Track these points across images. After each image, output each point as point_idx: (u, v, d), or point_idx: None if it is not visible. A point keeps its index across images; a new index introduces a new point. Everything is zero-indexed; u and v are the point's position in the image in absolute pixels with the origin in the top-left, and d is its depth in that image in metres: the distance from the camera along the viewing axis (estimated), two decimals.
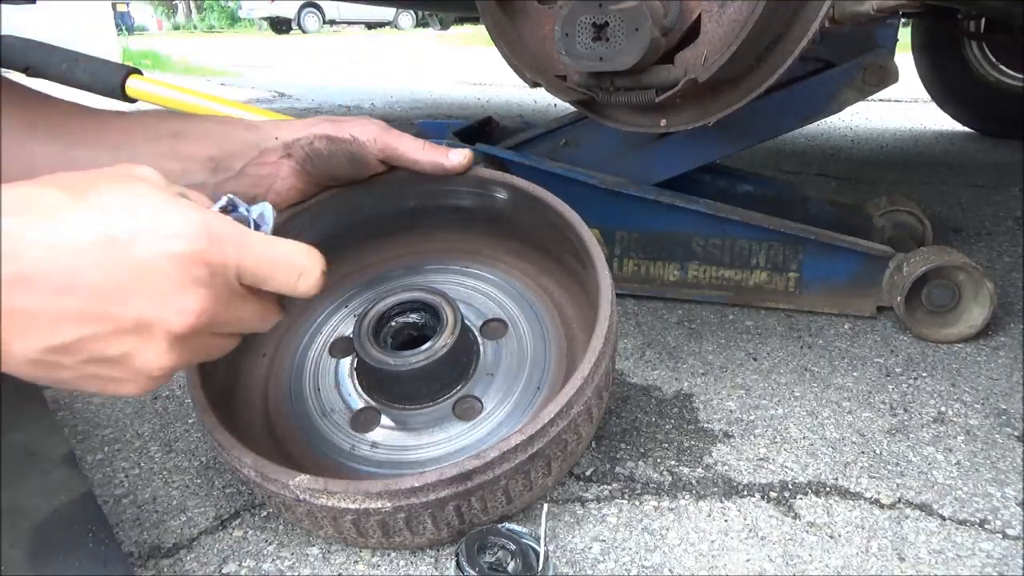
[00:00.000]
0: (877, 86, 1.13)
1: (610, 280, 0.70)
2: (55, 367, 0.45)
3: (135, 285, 0.45)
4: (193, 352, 0.50)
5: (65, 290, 0.44)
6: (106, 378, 0.48)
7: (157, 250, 0.45)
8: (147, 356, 0.47)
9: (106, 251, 0.44)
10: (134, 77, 1.80)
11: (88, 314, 0.44)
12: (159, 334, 0.46)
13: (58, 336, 0.44)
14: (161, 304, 0.46)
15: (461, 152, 0.78)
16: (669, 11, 0.84)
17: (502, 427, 0.74)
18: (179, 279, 0.46)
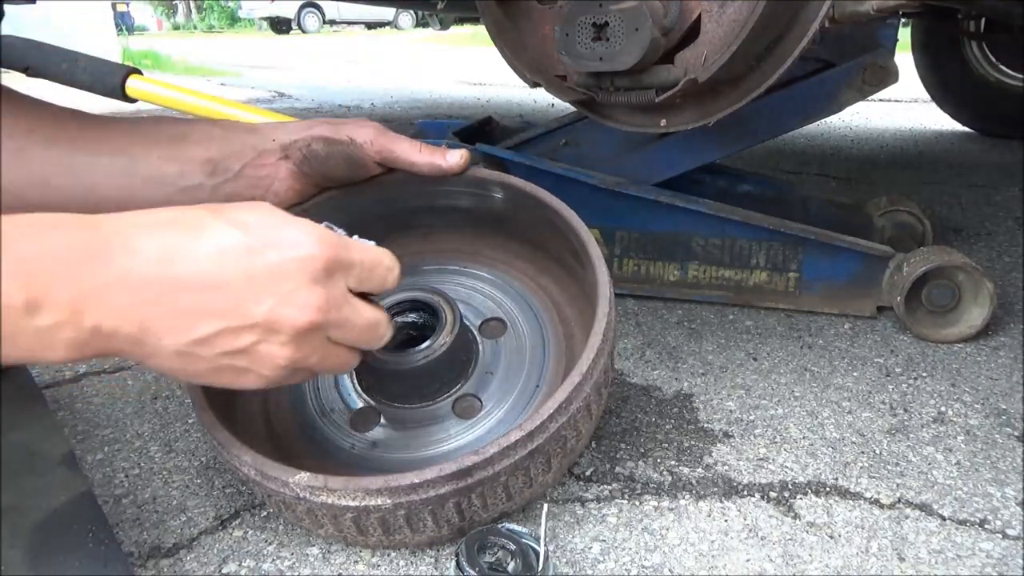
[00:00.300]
0: (877, 86, 1.13)
1: (608, 278, 0.70)
2: (194, 359, 0.52)
3: (267, 286, 0.52)
4: (311, 350, 0.55)
5: (209, 289, 0.50)
6: (235, 369, 0.53)
7: (284, 256, 0.53)
8: (271, 348, 0.53)
9: (243, 258, 0.52)
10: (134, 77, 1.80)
11: (226, 310, 0.51)
12: (283, 328, 0.53)
13: (201, 329, 0.51)
14: (287, 301, 0.52)
15: (458, 153, 0.78)
16: (669, 11, 0.84)
17: (501, 425, 0.74)
18: (301, 280, 0.53)
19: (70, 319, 0.47)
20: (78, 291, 0.47)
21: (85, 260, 0.48)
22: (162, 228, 0.51)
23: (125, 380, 1.00)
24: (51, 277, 0.46)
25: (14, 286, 0.44)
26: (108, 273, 0.48)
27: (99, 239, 0.49)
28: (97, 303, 0.48)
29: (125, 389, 0.97)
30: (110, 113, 0.87)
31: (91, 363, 1.04)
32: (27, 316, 0.45)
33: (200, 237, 0.52)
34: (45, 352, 0.47)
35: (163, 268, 0.50)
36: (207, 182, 0.77)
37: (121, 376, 1.01)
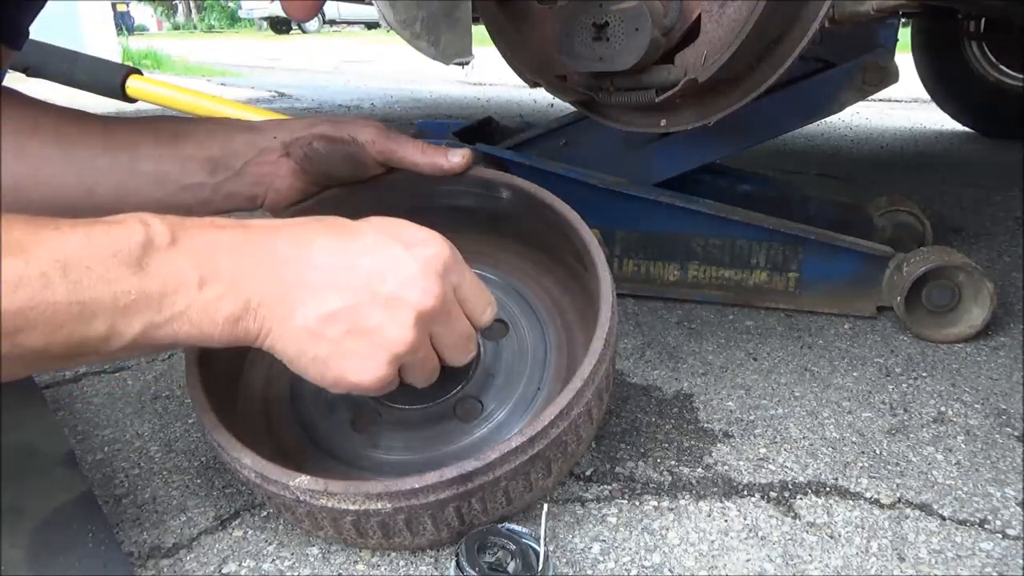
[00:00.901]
0: (877, 86, 1.13)
1: (611, 281, 0.70)
2: (320, 339, 0.56)
3: (394, 272, 0.57)
4: (422, 343, 0.59)
5: (342, 270, 0.57)
6: (354, 356, 0.57)
7: (410, 248, 0.59)
8: (394, 329, 0.57)
9: (372, 247, 0.58)
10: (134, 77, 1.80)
11: (356, 288, 0.56)
12: (406, 309, 0.57)
13: (332, 303, 0.56)
14: (411, 284, 0.57)
15: (460, 152, 0.78)
16: (669, 11, 0.84)
17: (502, 428, 0.74)
18: (425, 271, 0.58)
19: (230, 290, 0.54)
20: (237, 266, 0.54)
21: (242, 244, 0.56)
22: (303, 223, 0.60)
23: (125, 380, 1.00)
24: (218, 258, 0.54)
25: (190, 266, 0.52)
26: (260, 253, 0.56)
27: (252, 231, 0.57)
28: (251, 276, 0.55)
29: (125, 389, 0.97)
30: (111, 113, 0.87)
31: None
32: (199, 290, 0.52)
33: (334, 228, 0.59)
34: (209, 327, 0.53)
35: (302, 251, 0.57)
36: (208, 180, 0.77)
37: (121, 376, 1.01)
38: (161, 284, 0.51)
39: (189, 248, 0.53)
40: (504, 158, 1.18)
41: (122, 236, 0.51)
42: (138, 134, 0.77)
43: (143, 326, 0.51)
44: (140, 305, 0.51)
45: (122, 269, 0.50)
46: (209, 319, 0.53)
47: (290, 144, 0.78)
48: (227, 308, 0.54)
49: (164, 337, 0.52)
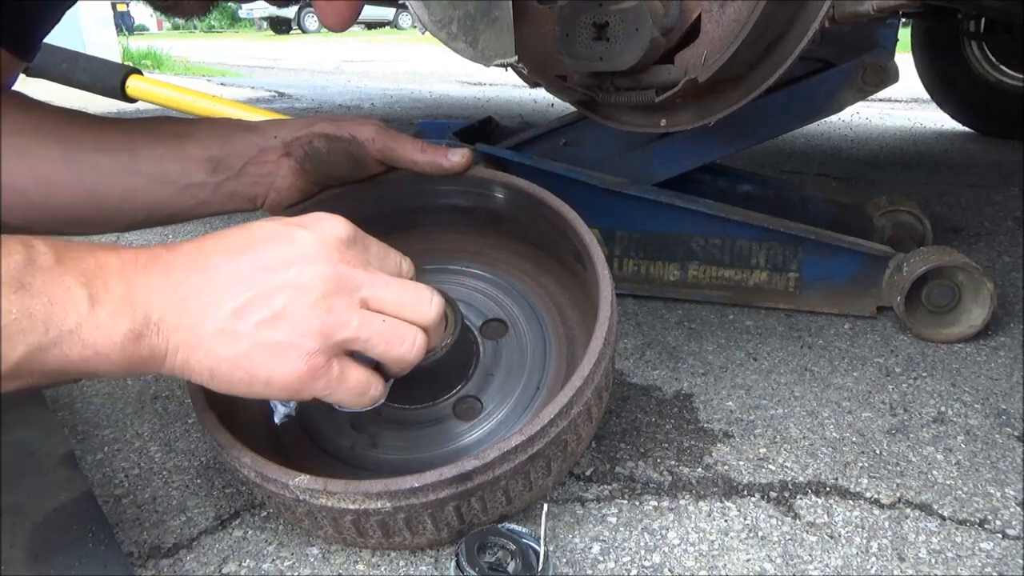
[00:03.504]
0: (877, 86, 1.13)
1: (610, 280, 0.70)
2: (235, 337, 0.53)
3: (294, 252, 0.55)
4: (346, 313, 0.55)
5: (243, 264, 0.54)
6: (276, 347, 0.53)
7: (308, 229, 0.56)
8: (303, 306, 0.53)
9: (271, 235, 0.56)
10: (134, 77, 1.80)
11: (256, 277, 0.53)
12: (312, 283, 0.54)
13: (235, 297, 0.53)
14: (312, 260, 0.55)
15: (460, 152, 0.78)
16: (669, 11, 0.84)
17: (502, 427, 0.74)
18: (324, 245, 0.56)
19: (124, 307, 0.50)
20: (130, 283, 0.51)
21: (132, 263, 0.53)
22: (195, 241, 0.56)
23: (125, 380, 1.00)
24: (109, 276, 0.51)
25: (78, 285, 0.49)
26: (153, 270, 0.53)
27: (141, 252, 0.54)
28: (146, 292, 0.52)
29: (125, 389, 0.97)
30: (111, 113, 0.87)
31: None
32: (90, 307, 0.49)
33: (227, 232, 0.57)
34: (105, 347, 0.50)
35: (197, 255, 0.54)
36: (209, 180, 0.77)
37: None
38: (46, 303, 0.47)
39: (77, 268, 0.50)
40: (504, 158, 1.18)
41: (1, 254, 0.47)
42: (138, 134, 0.77)
43: (27, 348, 0.47)
44: (22, 325, 0.46)
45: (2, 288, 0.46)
46: (104, 338, 0.49)
47: (290, 143, 0.78)
48: (124, 325, 0.50)
49: (53, 362, 0.48)
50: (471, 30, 0.67)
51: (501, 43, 0.70)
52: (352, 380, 0.57)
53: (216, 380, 0.54)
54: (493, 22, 0.68)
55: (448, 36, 0.67)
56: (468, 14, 0.66)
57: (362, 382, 0.58)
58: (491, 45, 0.69)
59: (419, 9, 0.66)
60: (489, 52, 0.69)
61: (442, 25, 0.66)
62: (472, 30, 0.67)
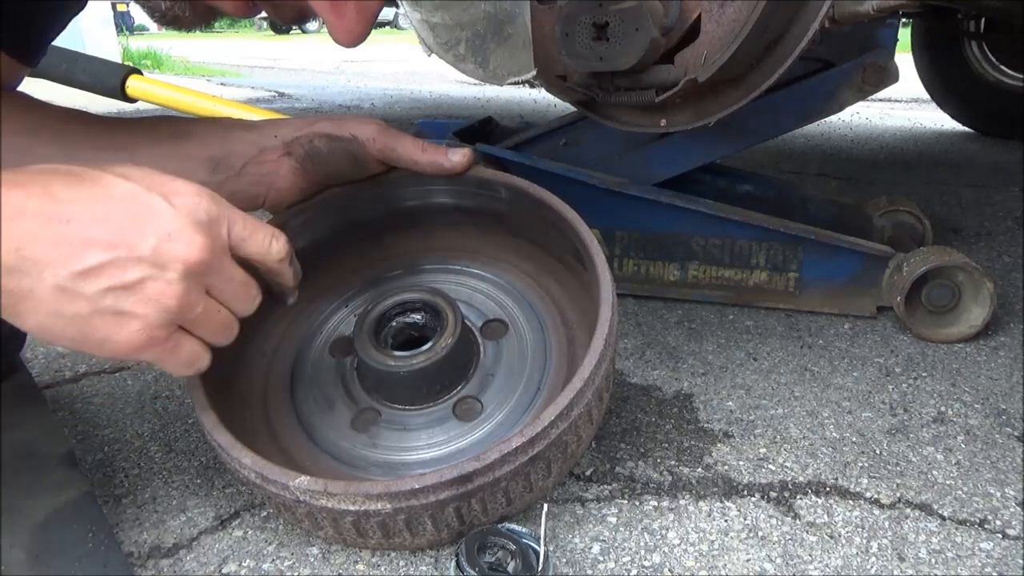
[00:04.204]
0: (877, 86, 1.13)
1: (611, 281, 0.70)
2: (75, 298, 0.51)
3: (153, 223, 0.53)
4: (197, 298, 0.55)
5: (95, 223, 0.51)
6: (117, 314, 0.52)
7: (169, 200, 0.54)
8: (159, 284, 0.53)
9: (128, 198, 0.53)
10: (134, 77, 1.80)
11: (113, 242, 0.51)
12: (171, 263, 0.53)
13: (87, 259, 0.50)
14: (174, 238, 0.53)
15: (461, 152, 0.78)
16: (669, 11, 0.84)
17: (502, 428, 0.74)
18: (187, 221, 0.54)
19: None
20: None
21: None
22: (47, 173, 0.52)
23: (125, 380, 1.00)
24: None
25: None
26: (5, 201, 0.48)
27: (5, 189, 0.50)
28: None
29: (125, 389, 0.97)
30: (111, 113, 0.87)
31: (91, 363, 1.04)
32: None
33: (84, 179, 0.53)
34: None
35: (46, 203, 0.50)
36: (210, 179, 0.77)
37: (121, 376, 1.01)
38: None
39: None
40: (504, 158, 1.18)
41: None
42: (139, 134, 0.77)
43: None
44: None
45: None
46: None
47: (291, 143, 0.78)
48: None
49: None
50: (480, 50, 0.64)
51: (516, 60, 0.66)
52: (183, 352, 0.58)
53: (44, 333, 0.52)
54: (506, 39, 0.65)
55: (456, 58, 0.65)
56: (477, 34, 0.63)
57: (193, 353, 0.59)
58: (504, 64, 0.66)
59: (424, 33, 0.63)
60: (502, 71, 0.66)
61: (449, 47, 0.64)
62: (482, 50, 0.65)
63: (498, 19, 0.63)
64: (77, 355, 1.07)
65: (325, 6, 0.65)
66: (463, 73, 0.66)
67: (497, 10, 0.62)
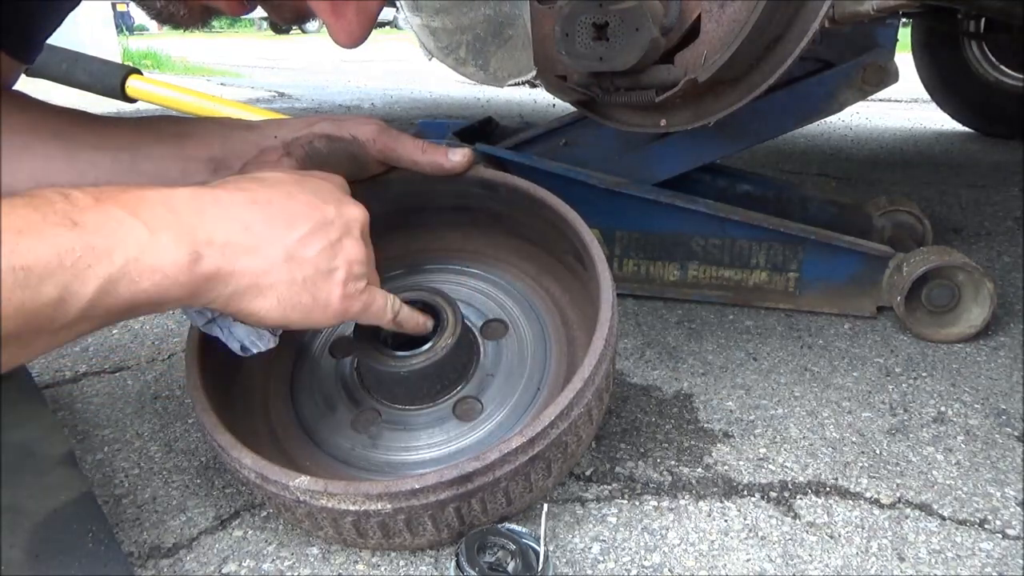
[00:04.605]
0: (877, 86, 1.13)
1: (611, 281, 0.70)
2: (301, 263, 0.58)
3: (325, 197, 0.62)
4: (371, 256, 0.64)
5: (289, 201, 0.59)
6: (331, 272, 0.60)
7: (323, 180, 0.64)
8: (349, 242, 0.61)
9: (297, 183, 0.62)
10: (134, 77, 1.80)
11: (310, 213, 0.59)
12: (353, 224, 0.62)
13: (300, 228, 0.58)
14: (344, 204, 0.63)
15: (461, 152, 0.78)
16: (669, 11, 0.84)
17: (502, 428, 0.74)
18: (344, 194, 0.65)
19: (183, 231, 0.53)
20: (178, 212, 0.53)
21: (173, 195, 0.55)
22: (235, 180, 0.62)
23: (125, 380, 1.00)
24: (154, 208, 0.53)
25: (128, 215, 0.51)
26: (203, 199, 0.56)
27: (178, 188, 0.56)
28: (200, 218, 0.54)
29: (125, 389, 0.97)
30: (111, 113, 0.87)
31: (91, 363, 1.04)
32: (150, 234, 0.51)
33: (259, 178, 0.62)
34: (172, 269, 0.51)
35: (247, 194, 0.58)
36: (210, 179, 0.77)
37: (121, 376, 1.01)
38: (105, 236, 0.49)
39: (118, 202, 0.51)
40: (504, 158, 1.18)
41: (42, 203, 0.48)
42: (139, 134, 0.77)
43: (99, 282, 0.48)
44: (88, 260, 0.47)
45: (57, 229, 0.47)
46: (171, 260, 0.51)
47: (291, 143, 0.77)
48: (185, 246, 0.52)
49: (125, 292, 0.50)
50: (481, 53, 0.65)
51: (516, 61, 0.68)
52: (378, 299, 0.65)
53: (281, 304, 0.58)
54: (506, 41, 0.66)
55: (456, 62, 0.65)
56: (477, 37, 0.64)
57: (383, 298, 0.66)
58: (504, 65, 0.67)
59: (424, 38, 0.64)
60: (502, 73, 0.67)
61: (449, 51, 0.64)
62: (482, 53, 0.65)
63: (498, 21, 0.63)
64: (77, 355, 1.07)
65: (325, 7, 0.66)
66: (464, 76, 0.66)
67: (497, 13, 0.62)
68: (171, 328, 1.16)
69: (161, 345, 1.10)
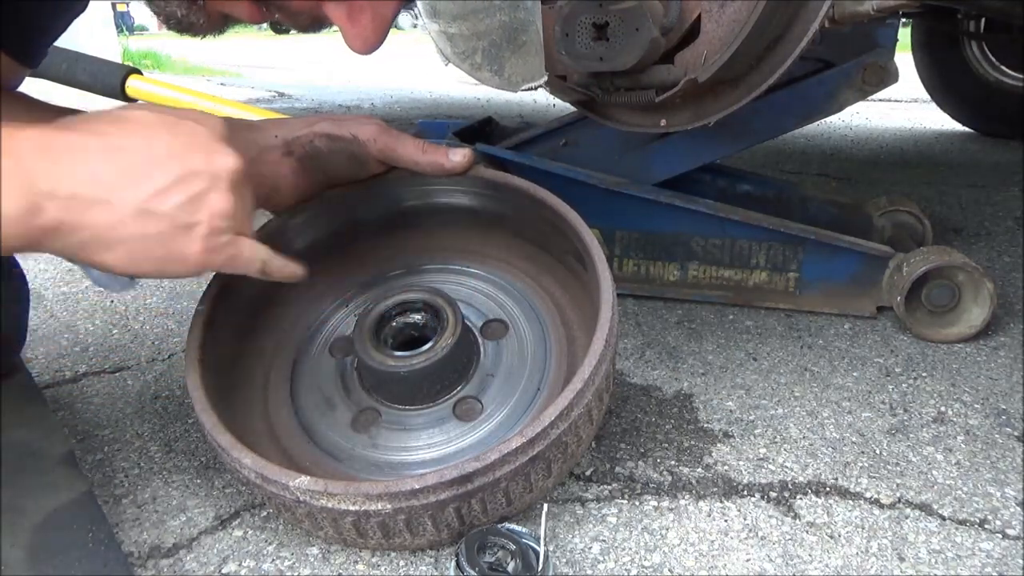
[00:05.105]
0: (877, 86, 1.13)
1: (611, 281, 0.70)
2: (155, 218, 0.55)
3: (194, 144, 0.58)
4: (243, 202, 0.61)
5: (148, 148, 0.56)
6: (189, 227, 0.57)
7: (196, 125, 0.60)
8: (217, 195, 0.58)
9: (166, 127, 0.58)
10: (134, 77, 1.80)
11: (173, 164, 0.56)
12: (220, 174, 0.58)
13: (158, 179, 0.55)
14: (215, 152, 0.59)
15: (461, 152, 0.78)
16: (669, 11, 0.84)
17: (502, 428, 0.74)
18: (216, 139, 0.60)
19: (21, 183, 0.51)
20: (24, 162, 0.51)
21: (26, 141, 0.53)
22: (90, 118, 0.58)
23: (125, 380, 1.00)
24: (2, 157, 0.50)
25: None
26: (55, 146, 0.53)
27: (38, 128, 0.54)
28: (47, 170, 0.52)
29: (125, 389, 0.97)
30: None
31: (91, 363, 1.04)
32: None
33: (121, 117, 0.58)
34: (2, 216, 0.50)
35: (100, 139, 0.55)
36: None
37: (121, 376, 1.01)
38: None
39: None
40: (504, 158, 1.18)
41: None
42: None
43: None
44: None
45: None
46: (6, 210, 0.50)
47: (291, 143, 0.77)
48: (23, 199, 0.51)
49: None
50: (496, 59, 0.66)
51: (529, 66, 0.69)
52: (246, 251, 0.62)
53: (131, 257, 0.56)
54: (520, 47, 0.67)
55: (472, 67, 0.66)
56: (493, 43, 0.65)
57: (253, 250, 0.63)
58: (518, 70, 0.68)
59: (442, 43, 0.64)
60: (516, 78, 0.68)
61: (465, 56, 0.65)
62: (498, 58, 0.66)
63: (512, 28, 0.64)
64: (77, 355, 1.07)
65: (341, 14, 0.66)
66: (479, 81, 0.67)
67: (512, 19, 0.63)
68: (171, 328, 1.16)
69: (161, 345, 1.10)
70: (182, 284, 1.33)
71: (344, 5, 0.65)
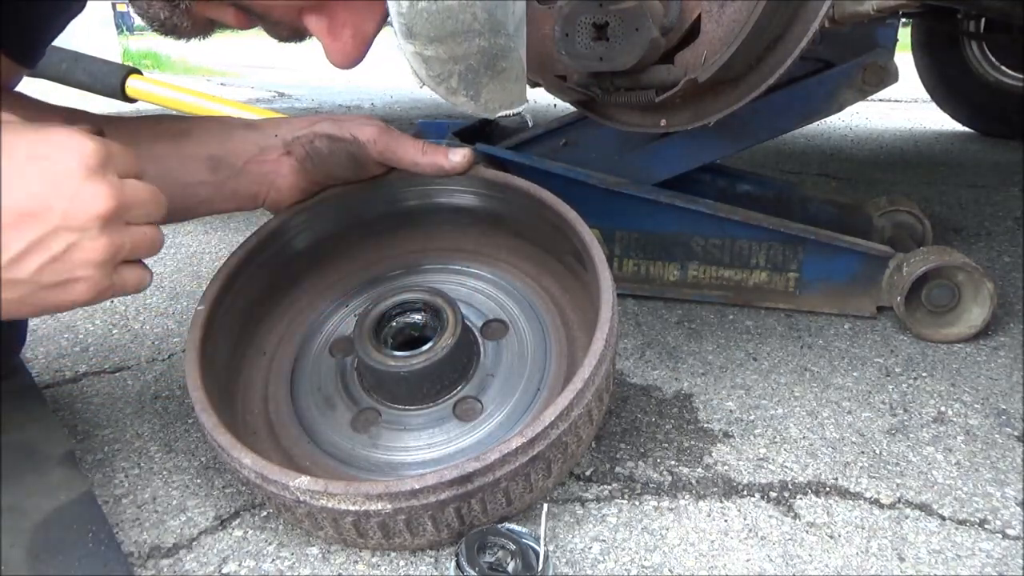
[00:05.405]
0: (877, 86, 1.13)
1: (611, 281, 0.70)
2: (15, 284, 0.52)
3: (54, 191, 0.52)
4: (120, 238, 0.55)
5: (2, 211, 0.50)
6: (59, 285, 0.53)
7: (58, 160, 0.53)
8: (85, 245, 0.53)
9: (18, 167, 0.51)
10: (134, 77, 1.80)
11: (27, 224, 0.51)
12: (87, 222, 0.53)
13: (12, 247, 0.51)
14: (79, 197, 0.53)
15: (461, 152, 0.78)
16: (669, 11, 0.84)
17: (502, 428, 0.74)
18: (83, 176, 0.53)
19: None
20: None
21: None
22: None
23: (125, 380, 1.00)
24: None
25: None
26: None
27: None
28: None
29: (125, 389, 0.97)
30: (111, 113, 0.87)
31: (91, 363, 1.04)
32: None
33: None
34: None
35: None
36: (210, 179, 0.77)
37: (121, 376, 1.01)
38: None
39: None
40: (504, 158, 1.18)
41: None
42: (139, 133, 0.77)
43: None
44: None
45: None
46: None
47: (291, 143, 0.78)
48: None
49: None
50: (472, 84, 0.64)
51: (507, 93, 0.66)
52: (130, 282, 0.59)
53: (8, 311, 0.54)
54: (499, 73, 0.64)
55: (447, 91, 0.64)
56: (470, 68, 0.63)
57: (136, 277, 0.59)
58: (495, 97, 0.65)
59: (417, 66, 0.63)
60: (493, 104, 0.66)
61: (441, 80, 0.63)
62: (474, 84, 0.64)
63: (492, 53, 0.62)
64: (77, 355, 1.07)
65: (322, 29, 0.64)
66: (454, 105, 0.66)
67: (492, 45, 0.62)
68: (171, 328, 1.16)
69: (161, 345, 1.10)
70: (182, 284, 1.33)
71: (325, 20, 0.63)
